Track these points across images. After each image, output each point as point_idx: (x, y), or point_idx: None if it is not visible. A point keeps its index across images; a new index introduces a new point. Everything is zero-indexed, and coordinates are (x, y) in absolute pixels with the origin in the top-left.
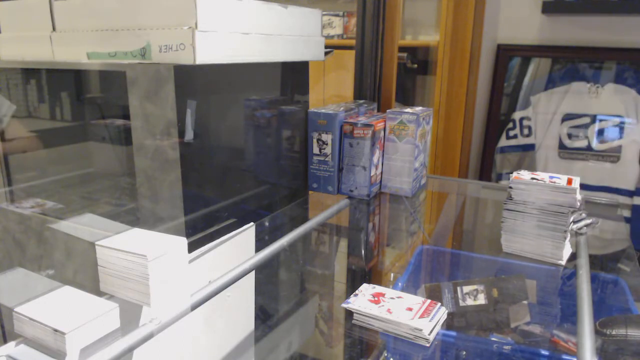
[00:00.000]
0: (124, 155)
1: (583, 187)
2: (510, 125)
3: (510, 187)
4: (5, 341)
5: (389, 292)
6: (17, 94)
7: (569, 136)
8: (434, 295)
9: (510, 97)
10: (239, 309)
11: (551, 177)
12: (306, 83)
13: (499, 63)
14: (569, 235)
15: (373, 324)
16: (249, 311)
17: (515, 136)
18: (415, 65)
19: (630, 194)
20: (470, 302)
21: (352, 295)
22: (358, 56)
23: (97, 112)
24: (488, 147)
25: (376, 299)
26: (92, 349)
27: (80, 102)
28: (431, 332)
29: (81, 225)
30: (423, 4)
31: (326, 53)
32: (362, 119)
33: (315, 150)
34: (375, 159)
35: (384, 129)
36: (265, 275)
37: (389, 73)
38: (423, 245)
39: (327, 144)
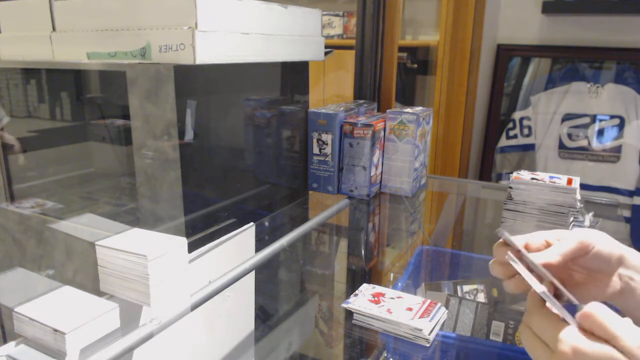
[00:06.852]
0: (124, 155)
1: (583, 187)
2: (510, 125)
3: (510, 187)
4: (5, 341)
5: (389, 292)
6: (17, 94)
7: (569, 136)
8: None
9: (510, 97)
10: (239, 309)
11: (551, 177)
12: (306, 83)
13: (499, 63)
14: None
15: (373, 324)
16: (249, 311)
17: (515, 136)
18: (415, 65)
19: (630, 194)
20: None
21: (352, 295)
22: (358, 56)
23: (97, 112)
24: (488, 147)
25: (376, 299)
26: (92, 349)
27: (80, 102)
28: (431, 332)
29: (81, 225)
30: (423, 4)
31: (326, 53)
32: (362, 119)
33: (315, 150)
34: (375, 159)
35: (384, 129)
36: (265, 275)
37: (389, 73)
38: (423, 245)
39: (327, 144)
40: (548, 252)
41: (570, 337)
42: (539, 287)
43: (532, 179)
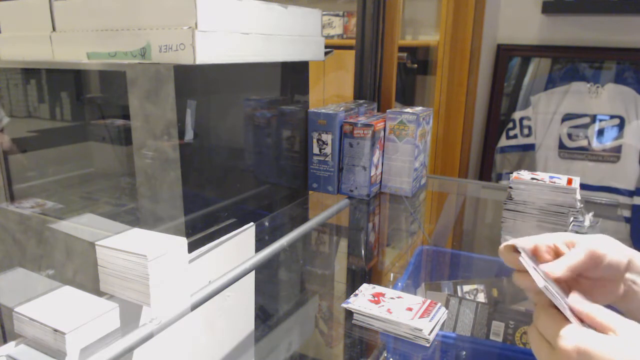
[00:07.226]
0: (124, 155)
1: (583, 187)
2: (510, 125)
3: (510, 187)
4: (5, 341)
5: (389, 292)
6: (17, 94)
7: (569, 136)
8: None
9: (510, 97)
10: (239, 309)
11: (551, 177)
12: (306, 83)
13: (499, 63)
14: None
15: (373, 324)
16: (249, 311)
17: (515, 136)
18: (415, 65)
19: (630, 194)
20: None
21: (352, 295)
22: (358, 56)
23: (97, 112)
24: (488, 147)
25: (376, 299)
26: (92, 349)
27: (80, 102)
28: (431, 332)
29: (81, 225)
30: (423, 4)
31: (326, 53)
32: (362, 119)
33: (315, 150)
34: (375, 159)
35: (384, 129)
36: (265, 275)
37: (389, 73)
38: (423, 245)
39: (327, 144)
40: (555, 265)
41: (571, 334)
42: (541, 282)
43: (532, 179)
